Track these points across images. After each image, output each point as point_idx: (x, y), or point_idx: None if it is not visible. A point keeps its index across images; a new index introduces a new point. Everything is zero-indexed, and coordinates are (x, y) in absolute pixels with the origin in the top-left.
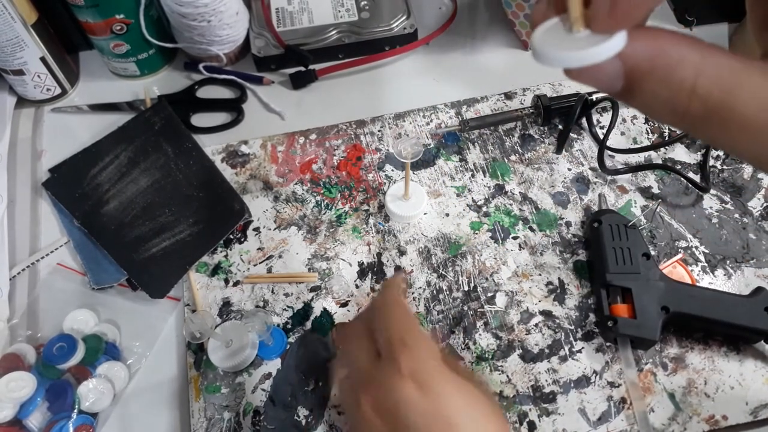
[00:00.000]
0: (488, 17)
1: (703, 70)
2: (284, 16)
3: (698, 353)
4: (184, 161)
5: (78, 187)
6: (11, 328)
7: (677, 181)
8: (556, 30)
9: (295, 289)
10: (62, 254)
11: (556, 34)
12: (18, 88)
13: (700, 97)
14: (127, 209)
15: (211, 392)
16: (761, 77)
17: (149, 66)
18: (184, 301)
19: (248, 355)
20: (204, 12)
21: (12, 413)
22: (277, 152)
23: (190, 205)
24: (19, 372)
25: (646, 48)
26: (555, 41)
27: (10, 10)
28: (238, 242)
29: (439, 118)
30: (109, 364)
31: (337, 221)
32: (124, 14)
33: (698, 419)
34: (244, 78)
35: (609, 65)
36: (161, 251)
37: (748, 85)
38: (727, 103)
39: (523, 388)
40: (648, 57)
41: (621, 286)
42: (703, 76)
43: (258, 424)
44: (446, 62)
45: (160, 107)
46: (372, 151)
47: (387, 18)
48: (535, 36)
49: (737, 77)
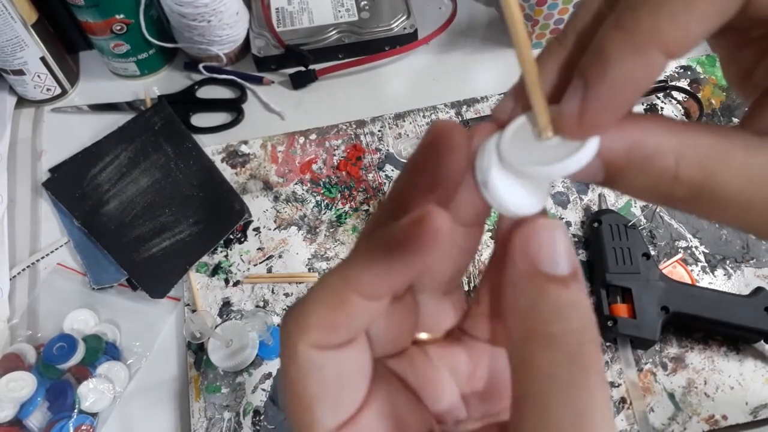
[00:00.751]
0: (488, 17)
1: (683, 155)
2: (284, 16)
3: (698, 353)
4: (184, 161)
5: (78, 187)
6: (11, 328)
7: None
8: (524, 133)
9: (295, 289)
10: (62, 254)
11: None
12: (18, 88)
13: (683, 183)
14: (127, 209)
15: (212, 392)
16: (743, 152)
17: (149, 66)
18: (185, 301)
19: (248, 355)
20: (204, 12)
21: (12, 413)
22: (277, 152)
23: (190, 205)
24: (20, 372)
25: (619, 141)
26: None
27: (10, 10)
28: (238, 242)
29: (439, 118)
30: (110, 364)
31: (337, 221)
32: (124, 14)
33: (698, 419)
34: (244, 78)
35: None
36: (161, 251)
37: (730, 164)
38: (711, 184)
39: None
40: (623, 151)
41: (621, 286)
42: (683, 161)
43: (258, 424)
44: (446, 62)
45: (160, 107)
46: (372, 151)
47: (387, 18)
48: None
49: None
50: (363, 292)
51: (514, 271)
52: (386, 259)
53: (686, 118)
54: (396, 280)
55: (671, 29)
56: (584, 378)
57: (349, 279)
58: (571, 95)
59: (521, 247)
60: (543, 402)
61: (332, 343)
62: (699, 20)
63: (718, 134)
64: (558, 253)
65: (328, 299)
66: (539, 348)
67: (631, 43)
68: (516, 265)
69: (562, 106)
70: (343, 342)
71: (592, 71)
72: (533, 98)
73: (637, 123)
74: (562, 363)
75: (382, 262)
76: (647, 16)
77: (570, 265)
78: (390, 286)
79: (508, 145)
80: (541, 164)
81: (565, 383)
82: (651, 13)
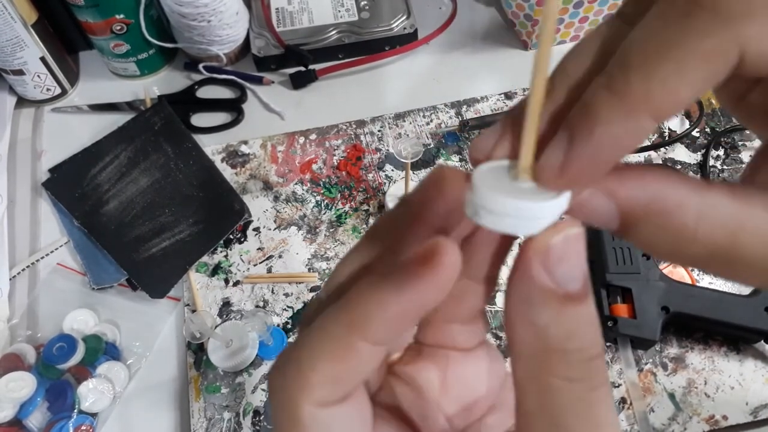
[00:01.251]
0: (488, 17)
1: (704, 214)
2: (284, 16)
3: (698, 353)
4: (184, 161)
5: (78, 187)
6: (11, 328)
7: None
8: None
9: (295, 289)
10: (62, 254)
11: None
12: (18, 88)
13: (703, 243)
14: (127, 209)
15: (211, 392)
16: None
17: (149, 66)
18: (184, 301)
19: (248, 355)
20: (204, 12)
21: (12, 413)
22: (277, 152)
23: (190, 205)
24: (19, 372)
25: (639, 192)
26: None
27: (10, 10)
28: (238, 242)
29: (439, 118)
30: (109, 364)
31: (337, 221)
32: (124, 14)
33: (698, 419)
34: (244, 78)
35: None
36: (161, 251)
37: (752, 225)
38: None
39: None
40: (643, 203)
41: (621, 286)
42: (704, 221)
43: (258, 424)
44: (446, 62)
45: (160, 107)
46: (372, 151)
47: (387, 18)
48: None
49: (740, 217)
50: (373, 337)
51: (529, 286)
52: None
53: (686, 118)
54: (410, 319)
55: (662, 95)
56: (596, 391)
57: (356, 324)
58: (556, 147)
59: (541, 262)
60: (558, 416)
61: (338, 397)
62: (690, 86)
63: (739, 194)
64: (577, 269)
65: (331, 350)
66: (554, 364)
67: (621, 106)
68: (533, 281)
69: (546, 155)
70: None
71: (579, 127)
72: (527, 136)
73: (657, 173)
74: (575, 378)
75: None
76: (638, 81)
77: (584, 278)
78: (403, 326)
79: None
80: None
81: (579, 397)
82: (642, 78)
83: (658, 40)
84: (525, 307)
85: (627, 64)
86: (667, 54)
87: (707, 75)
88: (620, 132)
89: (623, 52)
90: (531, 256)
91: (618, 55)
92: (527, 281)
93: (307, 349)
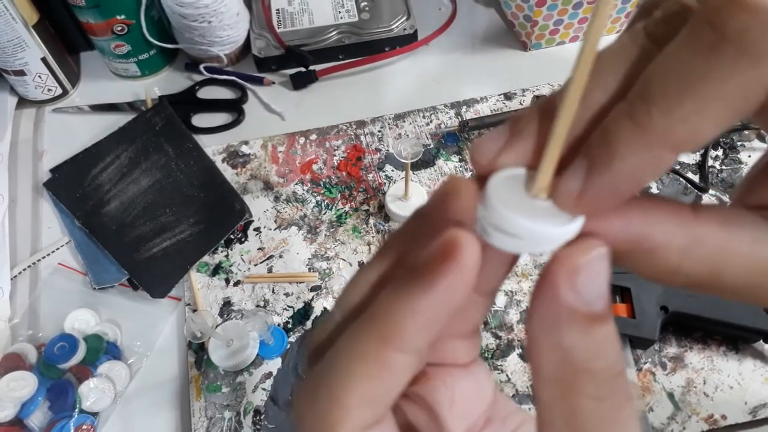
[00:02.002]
0: (488, 17)
1: (689, 251)
2: (285, 17)
3: (697, 353)
4: (184, 161)
5: (79, 187)
6: (12, 328)
7: (676, 182)
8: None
9: (295, 289)
10: (63, 254)
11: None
12: (19, 88)
13: (686, 276)
14: (128, 209)
15: (212, 391)
16: (750, 245)
17: (150, 66)
18: (185, 300)
19: (249, 354)
20: (205, 13)
21: (13, 413)
22: (278, 152)
23: (191, 205)
24: (21, 371)
25: (623, 232)
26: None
27: (12, 11)
28: (239, 242)
29: (438, 119)
30: (110, 363)
31: (337, 221)
32: (125, 15)
33: (697, 418)
34: (244, 78)
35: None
36: (162, 251)
37: (735, 258)
38: (714, 277)
39: (523, 387)
40: (627, 240)
41: (620, 285)
42: (688, 258)
43: (259, 424)
44: (446, 63)
45: (161, 108)
46: (372, 151)
47: (387, 19)
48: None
49: (725, 251)
50: (409, 345)
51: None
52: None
53: None
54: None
55: (683, 132)
56: (623, 408)
57: (388, 336)
58: (575, 173)
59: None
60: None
61: (376, 419)
62: (713, 124)
63: (728, 221)
64: (602, 288)
65: (365, 369)
66: (582, 385)
67: (642, 139)
68: (560, 301)
69: (565, 180)
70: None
71: (599, 156)
72: (549, 154)
73: (643, 211)
74: (603, 397)
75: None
76: (659, 116)
77: (607, 297)
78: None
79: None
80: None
81: (608, 416)
82: (663, 114)
83: (681, 74)
84: (550, 329)
85: (649, 98)
86: (688, 91)
87: (731, 114)
88: (640, 164)
89: (646, 82)
90: (559, 277)
91: (640, 85)
92: (554, 302)
93: (337, 372)
